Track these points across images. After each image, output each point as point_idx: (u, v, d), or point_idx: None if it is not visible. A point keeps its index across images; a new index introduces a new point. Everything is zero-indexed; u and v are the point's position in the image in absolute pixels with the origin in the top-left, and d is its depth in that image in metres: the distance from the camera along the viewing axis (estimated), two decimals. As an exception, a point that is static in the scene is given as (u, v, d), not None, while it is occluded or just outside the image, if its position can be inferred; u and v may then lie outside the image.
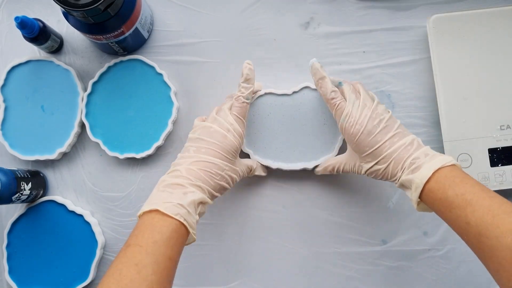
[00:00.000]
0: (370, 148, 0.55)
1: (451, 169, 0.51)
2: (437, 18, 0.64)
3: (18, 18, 0.59)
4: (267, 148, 0.64)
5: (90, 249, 0.64)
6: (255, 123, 0.64)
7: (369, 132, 0.55)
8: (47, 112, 0.66)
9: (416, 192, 0.51)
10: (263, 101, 0.65)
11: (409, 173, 0.52)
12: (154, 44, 0.68)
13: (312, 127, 0.64)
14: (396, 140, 0.54)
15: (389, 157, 0.54)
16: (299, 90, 0.65)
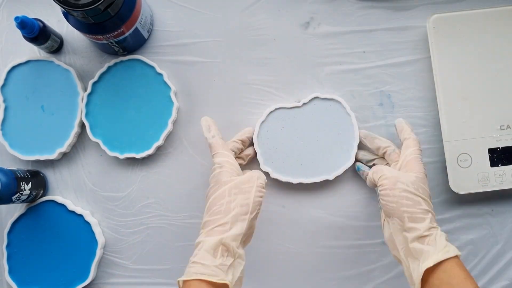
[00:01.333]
0: (426, 187, 0.55)
1: (456, 262, 0.50)
2: (437, 18, 0.64)
3: (18, 18, 0.59)
4: (285, 164, 0.65)
5: (90, 249, 0.64)
6: (270, 139, 0.65)
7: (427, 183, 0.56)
8: (47, 112, 0.66)
9: (448, 253, 0.49)
10: (274, 117, 0.65)
11: (443, 236, 0.51)
12: (154, 44, 0.68)
13: (327, 137, 0.64)
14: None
15: (431, 209, 0.53)
16: (308, 102, 0.65)
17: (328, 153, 0.64)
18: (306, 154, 0.64)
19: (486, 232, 0.65)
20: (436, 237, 0.51)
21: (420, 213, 0.52)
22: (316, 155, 0.64)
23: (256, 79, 0.67)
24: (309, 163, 0.64)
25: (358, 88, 0.67)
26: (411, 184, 0.54)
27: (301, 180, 0.64)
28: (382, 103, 0.67)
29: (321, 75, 0.67)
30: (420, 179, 0.55)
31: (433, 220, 0.52)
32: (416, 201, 0.53)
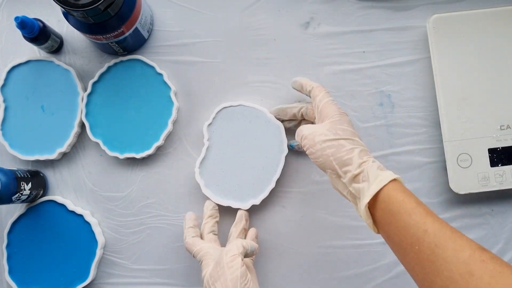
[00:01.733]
0: (348, 127, 0.54)
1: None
2: (437, 18, 0.64)
3: (18, 18, 0.59)
4: (224, 188, 0.64)
5: (90, 249, 0.64)
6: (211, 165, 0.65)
7: (350, 120, 0.56)
8: (47, 112, 0.66)
9: (379, 184, 0.49)
10: (212, 130, 0.65)
11: (374, 167, 0.51)
12: (154, 44, 0.68)
13: (254, 161, 0.64)
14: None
15: (359, 144, 0.53)
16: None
17: (254, 176, 0.64)
18: (233, 176, 0.64)
19: (486, 232, 0.65)
20: (368, 171, 0.50)
21: (346, 154, 0.52)
22: (243, 177, 0.64)
23: (256, 79, 0.67)
24: (247, 184, 0.64)
25: (358, 88, 0.67)
26: (328, 132, 0.53)
27: (239, 205, 0.64)
28: (382, 103, 0.67)
29: (321, 75, 0.67)
30: (336, 122, 0.54)
31: (362, 154, 0.52)
32: (338, 145, 0.52)
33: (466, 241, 0.43)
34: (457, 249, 0.42)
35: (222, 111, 0.65)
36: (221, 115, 0.65)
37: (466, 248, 0.42)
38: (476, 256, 0.41)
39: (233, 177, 0.64)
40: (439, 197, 0.65)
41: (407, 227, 0.46)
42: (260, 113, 0.65)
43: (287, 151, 0.64)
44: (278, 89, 0.67)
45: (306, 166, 0.66)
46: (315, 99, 0.58)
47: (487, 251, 0.42)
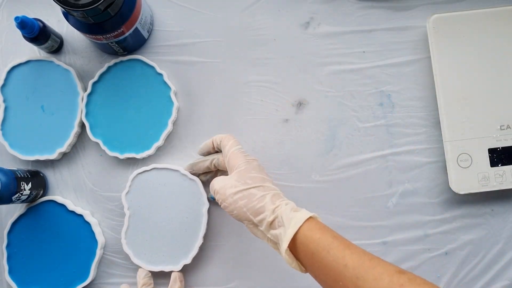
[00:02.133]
0: (256, 174, 0.55)
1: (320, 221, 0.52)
2: (437, 18, 0.64)
3: (18, 18, 0.59)
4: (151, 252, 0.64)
5: (90, 249, 0.64)
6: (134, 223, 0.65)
7: (258, 165, 0.57)
8: (47, 112, 0.66)
9: (294, 227, 0.49)
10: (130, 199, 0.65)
11: (288, 210, 0.51)
12: (154, 44, 0.68)
13: (178, 221, 0.64)
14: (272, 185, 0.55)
15: (270, 189, 0.54)
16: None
17: (175, 244, 0.64)
18: (158, 241, 0.64)
19: (486, 232, 0.65)
20: (282, 216, 0.51)
21: (258, 203, 0.52)
22: (165, 244, 0.64)
23: (256, 79, 0.67)
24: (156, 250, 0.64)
25: (358, 88, 0.67)
26: (237, 183, 0.54)
27: (146, 266, 0.64)
28: (382, 103, 0.67)
29: (321, 75, 0.67)
30: (243, 171, 0.55)
31: (274, 199, 0.52)
32: (249, 195, 0.53)
33: (384, 267, 0.44)
34: (377, 277, 0.43)
35: (137, 177, 0.65)
36: (137, 182, 0.65)
37: (384, 275, 0.43)
38: (395, 281, 0.43)
39: (160, 242, 0.64)
40: (439, 197, 0.66)
41: (328, 265, 0.47)
42: (174, 173, 0.65)
43: (208, 205, 0.64)
44: (278, 89, 0.67)
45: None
46: (224, 149, 0.59)
47: (405, 274, 0.43)
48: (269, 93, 0.67)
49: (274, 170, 0.66)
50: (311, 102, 0.67)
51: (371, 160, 0.66)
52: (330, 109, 0.67)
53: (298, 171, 0.66)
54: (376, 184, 0.66)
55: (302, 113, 0.67)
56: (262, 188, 0.54)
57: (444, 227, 0.65)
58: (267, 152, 0.67)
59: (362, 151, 0.66)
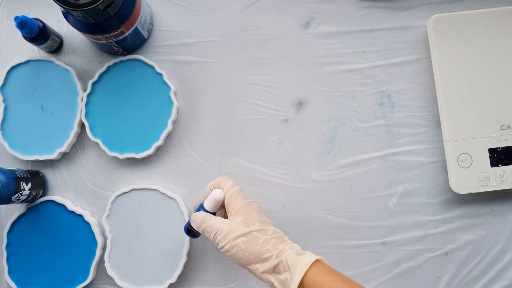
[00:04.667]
0: (256, 215, 0.54)
1: (322, 264, 0.51)
2: (437, 18, 0.64)
3: (17, 18, 0.59)
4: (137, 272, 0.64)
5: (90, 249, 0.64)
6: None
7: (258, 207, 0.55)
8: (46, 112, 0.66)
9: (300, 272, 0.48)
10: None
11: (292, 254, 0.50)
12: (154, 44, 0.68)
13: (160, 241, 0.64)
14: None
15: (272, 233, 0.52)
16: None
17: (159, 262, 0.64)
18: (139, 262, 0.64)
19: (486, 232, 0.65)
20: (286, 260, 0.50)
21: (261, 247, 0.51)
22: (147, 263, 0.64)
23: (256, 79, 0.67)
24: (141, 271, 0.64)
25: (358, 88, 0.67)
26: (239, 226, 0.52)
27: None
28: (382, 103, 0.67)
29: (321, 75, 0.67)
30: (243, 213, 0.53)
31: (277, 242, 0.51)
32: (252, 238, 0.52)
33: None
34: None
35: (116, 200, 0.65)
36: (116, 204, 0.65)
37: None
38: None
39: (144, 262, 0.64)
40: (439, 197, 0.65)
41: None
42: (153, 192, 0.64)
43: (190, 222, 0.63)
44: (278, 89, 0.67)
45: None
46: (224, 188, 0.57)
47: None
48: (269, 93, 0.67)
49: (274, 170, 0.66)
50: (311, 102, 0.67)
51: (371, 160, 0.66)
52: (330, 109, 0.67)
53: (298, 171, 0.66)
54: (376, 184, 0.66)
55: (302, 113, 0.67)
56: (265, 231, 0.52)
57: (444, 227, 0.65)
58: (267, 152, 0.67)
59: (362, 151, 0.66)
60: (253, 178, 0.66)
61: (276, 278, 0.50)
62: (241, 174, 0.66)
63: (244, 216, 0.53)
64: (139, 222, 0.64)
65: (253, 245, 0.51)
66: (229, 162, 0.67)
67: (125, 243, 0.64)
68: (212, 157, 0.67)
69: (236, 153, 0.67)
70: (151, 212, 0.64)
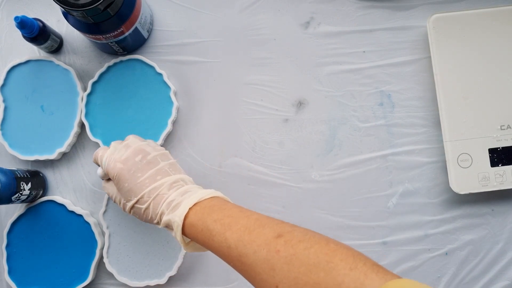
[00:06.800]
0: (129, 185, 0.52)
1: (210, 200, 0.50)
2: (437, 18, 0.64)
3: (17, 18, 0.59)
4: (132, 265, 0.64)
5: (90, 249, 0.64)
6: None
7: (129, 168, 0.53)
8: (46, 112, 0.66)
9: (178, 231, 0.49)
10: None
11: (169, 213, 0.50)
12: (154, 44, 0.68)
13: (158, 235, 0.64)
14: (159, 178, 0.52)
15: (148, 196, 0.52)
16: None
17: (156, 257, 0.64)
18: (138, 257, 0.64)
19: (486, 232, 0.65)
20: (167, 223, 0.50)
21: (146, 216, 0.52)
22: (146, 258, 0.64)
23: (256, 79, 0.67)
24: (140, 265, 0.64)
25: (358, 88, 0.67)
26: (124, 200, 0.54)
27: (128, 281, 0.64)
28: (382, 103, 0.67)
29: (321, 75, 0.67)
30: (119, 189, 0.54)
31: (154, 207, 0.51)
32: (137, 211, 0.53)
33: (264, 236, 0.43)
34: (256, 250, 0.43)
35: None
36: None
37: (263, 245, 0.42)
38: (272, 249, 0.42)
39: (143, 257, 0.64)
40: (439, 197, 0.65)
41: (216, 250, 0.47)
42: None
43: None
44: (278, 89, 0.67)
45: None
46: (100, 164, 0.57)
47: (283, 236, 0.42)
48: (269, 93, 0.67)
49: (274, 170, 0.66)
50: (311, 102, 0.67)
51: (371, 160, 0.66)
52: (330, 109, 0.67)
53: (298, 171, 0.66)
54: (376, 184, 0.66)
55: (302, 113, 0.67)
56: (142, 200, 0.52)
57: (444, 227, 0.65)
58: (267, 152, 0.67)
59: (362, 151, 0.66)
60: (253, 178, 0.66)
61: (173, 235, 0.51)
62: (241, 174, 0.66)
63: (120, 191, 0.54)
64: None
65: (141, 217, 0.53)
66: (229, 162, 0.67)
67: (123, 238, 0.64)
68: (212, 157, 0.67)
69: (236, 153, 0.67)
70: None
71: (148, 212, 0.52)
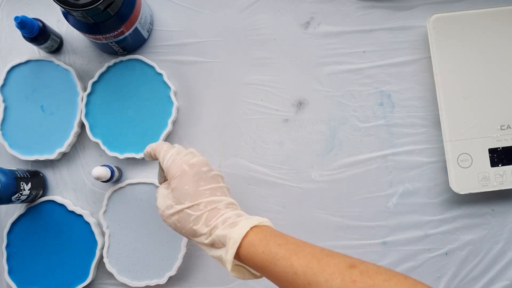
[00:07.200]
0: (189, 188, 0.50)
1: (268, 227, 0.49)
2: (437, 18, 0.64)
3: (17, 18, 0.59)
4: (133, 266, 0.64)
5: (90, 249, 0.64)
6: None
7: (194, 174, 0.51)
8: (46, 112, 0.66)
9: (232, 248, 0.46)
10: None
11: (225, 228, 0.47)
12: (154, 44, 0.68)
13: (158, 236, 0.64)
14: (219, 194, 0.51)
15: (205, 206, 0.50)
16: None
17: (156, 256, 0.64)
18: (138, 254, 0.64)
19: (486, 232, 0.65)
20: (219, 238, 0.47)
21: (194, 225, 0.49)
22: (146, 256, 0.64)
23: (256, 79, 0.67)
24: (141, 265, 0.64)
25: (358, 88, 0.67)
26: (173, 202, 0.51)
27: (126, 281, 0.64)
28: (382, 103, 0.67)
29: (321, 75, 0.67)
30: (177, 188, 0.51)
31: (211, 216, 0.49)
32: (184, 217, 0.50)
33: (335, 265, 0.42)
34: (328, 278, 0.41)
35: (113, 195, 0.65)
36: (113, 200, 0.65)
37: (336, 274, 0.41)
38: (347, 279, 0.41)
39: (143, 257, 0.64)
40: (439, 197, 0.65)
41: (278, 276, 0.45)
42: (148, 186, 0.65)
43: None
44: (278, 89, 0.67)
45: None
46: (159, 157, 0.55)
47: (357, 267, 0.42)
48: (269, 93, 0.67)
49: (274, 170, 0.66)
50: (311, 102, 0.67)
51: (371, 160, 0.66)
52: (330, 109, 0.67)
53: (298, 171, 0.66)
54: (376, 184, 0.66)
55: (302, 113, 0.67)
56: (196, 206, 0.50)
57: (444, 227, 0.65)
58: (267, 152, 0.67)
59: (362, 151, 0.66)
60: (253, 178, 0.66)
61: (213, 254, 0.49)
62: (241, 174, 0.66)
63: (176, 192, 0.51)
64: (136, 217, 0.64)
65: (186, 224, 0.50)
66: (229, 162, 0.67)
67: (123, 238, 0.64)
68: (212, 157, 0.67)
69: (236, 153, 0.67)
70: (148, 206, 0.64)
71: (198, 220, 0.49)
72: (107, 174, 0.60)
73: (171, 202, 0.51)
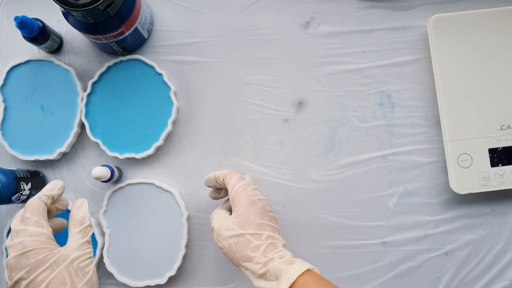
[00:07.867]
0: (256, 218, 0.53)
1: (319, 274, 0.50)
2: (437, 18, 0.64)
3: (17, 18, 0.59)
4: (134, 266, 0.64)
5: (90, 249, 0.64)
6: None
7: (261, 208, 0.54)
8: (46, 112, 0.66)
9: (287, 282, 0.48)
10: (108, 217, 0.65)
11: (282, 263, 0.50)
12: (154, 44, 0.68)
13: (158, 235, 0.64)
14: (276, 234, 0.53)
15: (266, 239, 0.52)
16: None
17: (157, 255, 0.64)
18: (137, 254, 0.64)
19: (486, 232, 0.65)
20: (274, 270, 0.49)
21: (252, 252, 0.51)
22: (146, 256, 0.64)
23: (256, 79, 0.67)
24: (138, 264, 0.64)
25: (358, 88, 0.67)
26: (235, 226, 0.53)
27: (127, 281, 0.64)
28: (382, 103, 0.67)
29: (321, 75, 0.67)
30: (244, 214, 0.53)
31: (269, 250, 0.51)
32: (244, 241, 0.51)
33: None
34: None
35: (113, 195, 0.65)
36: (113, 200, 0.65)
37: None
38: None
39: (143, 257, 0.64)
40: (439, 197, 0.65)
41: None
42: (149, 186, 0.65)
43: (187, 214, 0.64)
44: (278, 89, 0.67)
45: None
46: (228, 187, 0.57)
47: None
48: (269, 93, 0.67)
49: (274, 170, 0.66)
50: (311, 102, 0.67)
51: (371, 160, 0.66)
52: (330, 109, 0.67)
53: (298, 171, 0.66)
54: (376, 184, 0.66)
55: (302, 113, 0.67)
56: (259, 236, 0.52)
57: (444, 227, 0.65)
58: (267, 152, 0.67)
59: (362, 151, 0.66)
60: (253, 178, 0.66)
61: (263, 285, 0.50)
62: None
63: (242, 217, 0.53)
64: (136, 217, 0.64)
65: (244, 248, 0.51)
66: (229, 162, 0.67)
67: (123, 238, 0.64)
68: (212, 157, 0.67)
69: (236, 153, 0.67)
70: (148, 206, 0.64)
71: (257, 249, 0.51)
72: (107, 174, 0.60)
73: (233, 225, 0.52)
